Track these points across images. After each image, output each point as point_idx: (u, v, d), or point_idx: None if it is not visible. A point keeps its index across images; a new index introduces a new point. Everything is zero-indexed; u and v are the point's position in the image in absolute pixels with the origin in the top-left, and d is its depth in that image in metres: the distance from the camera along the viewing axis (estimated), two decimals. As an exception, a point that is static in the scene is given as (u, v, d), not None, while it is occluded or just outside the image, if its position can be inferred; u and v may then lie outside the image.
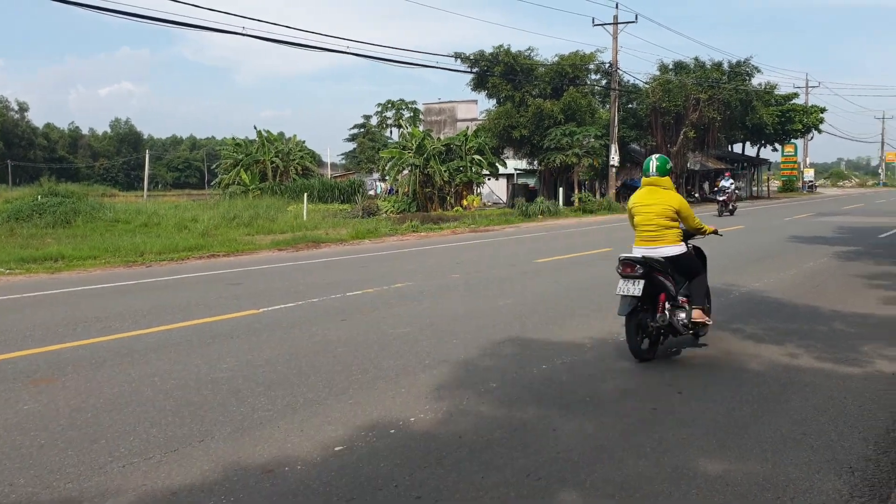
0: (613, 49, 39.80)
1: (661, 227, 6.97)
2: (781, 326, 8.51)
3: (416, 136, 43.10)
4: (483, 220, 30.32)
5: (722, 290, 11.10)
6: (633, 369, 6.67)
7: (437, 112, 72.60)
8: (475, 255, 17.10)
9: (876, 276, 12.56)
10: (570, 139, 38.36)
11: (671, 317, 6.88)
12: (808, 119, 55.42)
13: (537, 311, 9.49)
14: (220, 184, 54.93)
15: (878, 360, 6.95)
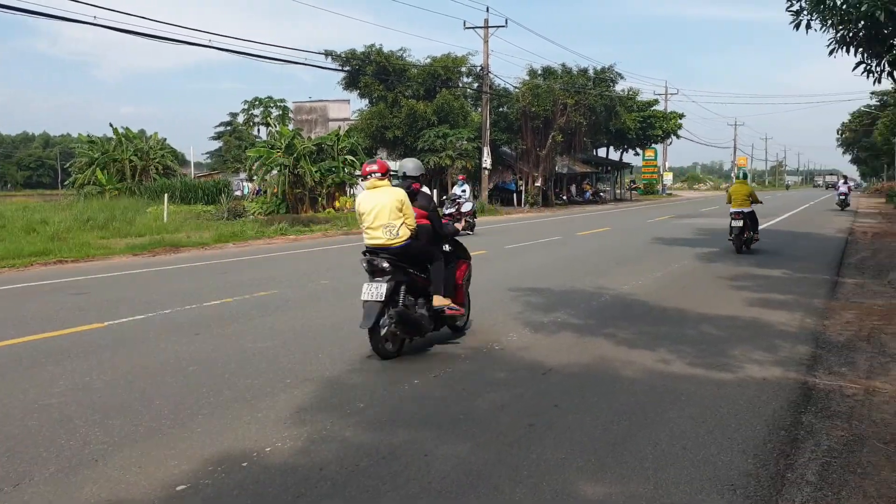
0: (484, 52, 40.14)
1: None
2: (652, 330, 8.48)
3: (285, 135, 41.87)
4: (356, 222, 29.72)
5: (593, 292, 11.10)
6: (508, 380, 6.36)
7: (307, 111, 71.18)
8: (347, 259, 16.51)
9: (737, 277, 12.96)
10: (444, 141, 38.36)
11: None
12: (667, 125, 58.04)
13: (409, 319, 9.06)
14: (74, 184, 51.60)
15: (747, 365, 6.96)
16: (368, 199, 7.45)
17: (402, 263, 7.30)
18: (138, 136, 55.31)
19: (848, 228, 25.53)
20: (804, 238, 21.87)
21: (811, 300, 10.70)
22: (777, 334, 8.36)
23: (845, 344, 7.96)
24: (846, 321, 9.20)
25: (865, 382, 6.49)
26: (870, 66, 13.16)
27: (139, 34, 22.27)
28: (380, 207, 7.27)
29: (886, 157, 67.25)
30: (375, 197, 7.35)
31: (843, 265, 15.04)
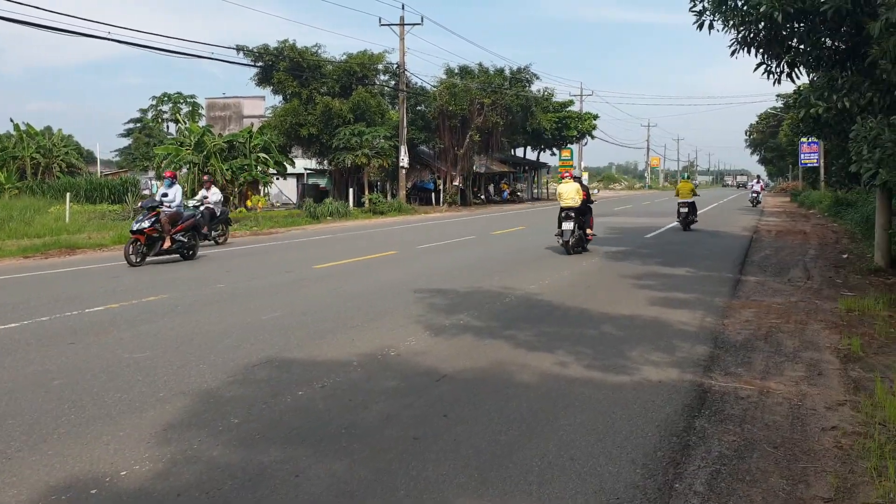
0: (400, 50, 39.78)
1: None
2: (553, 331, 8.32)
3: (194, 132, 40.64)
4: (267, 222, 28.96)
5: (499, 293, 10.91)
6: (399, 389, 6.05)
7: (221, 107, 69.34)
8: (250, 260, 15.93)
9: (643, 276, 13.01)
10: (360, 139, 37.82)
11: None
12: (582, 125, 58.89)
13: (306, 324, 8.64)
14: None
15: (644, 367, 6.85)
16: (565, 186, 17.03)
17: (576, 214, 16.25)
18: (41, 133, 52.75)
19: (753, 227, 26.28)
20: (711, 236, 22.34)
21: (713, 298, 10.78)
22: (677, 334, 8.32)
23: (743, 343, 7.97)
24: (745, 320, 9.26)
25: (760, 383, 6.45)
26: (770, 67, 13.37)
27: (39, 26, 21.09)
28: (570, 190, 16.58)
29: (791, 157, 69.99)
30: (568, 185, 16.91)
31: (747, 263, 15.34)
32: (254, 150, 39.35)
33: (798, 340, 8.14)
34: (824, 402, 5.98)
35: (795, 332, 8.55)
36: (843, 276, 13.45)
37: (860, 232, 20.54)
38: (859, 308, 9.87)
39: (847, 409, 5.81)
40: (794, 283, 12.46)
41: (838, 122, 12.59)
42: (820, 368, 7.00)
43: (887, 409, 5.63)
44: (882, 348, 7.79)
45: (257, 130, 40.96)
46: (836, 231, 24.07)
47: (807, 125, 13.78)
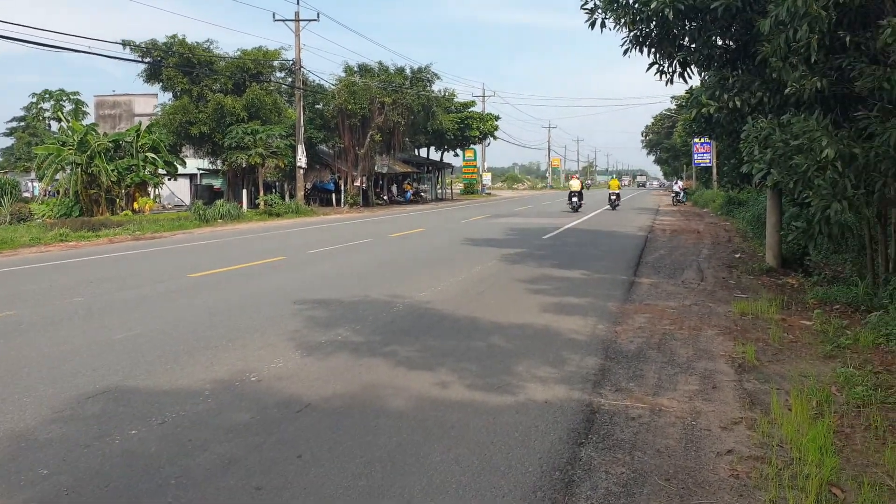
0: (296, 47, 38.56)
1: None
2: (438, 345, 7.70)
3: (77, 131, 38.28)
4: (152, 225, 27.35)
5: (386, 302, 10.22)
6: (250, 425, 5.27)
7: (111, 105, 66.20)
8: (121, 268, 14.69)
9: (536, 280, 12.59)
10: (253, 138, 36.40)
11: None
12: (484, 126, 58.88)
13: (163, 344, 7.71)
14: None
15: (531, 384, 6.29)
16: (574, 181, 39.64)
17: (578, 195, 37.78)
18: None
19: (649, 226, 26.52)
20: (607, 236, 22.31)
21: (606, 303, 10.41)
22: (567, 344, 7.84)
23: (635, 353, 7.55)
24: (638, 326, 8.89)
25: (652, 400, 5.99)
26: (662, 66, 13.19)
27: None
28: (577, 183, 39.23)
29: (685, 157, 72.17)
30: (575, 181, 39.65)
31: (641, 264, 15.19)
32: (141, 150, 37.36)
33: (692, 349, 7.79)
34: (719, 420, 5.56)
35: (689, 340, 8.22)
36: (735, 276, 13.40)
37: (751, 230, 20.87)
38: (752, 311, 9.68)
39: (743, 428, 5.40)
40: (688, 285, 12.29)
41: (730, 122, 12.50)
42: (714, 380, 6.62)
43: (783, 427, 5.25)
44: (776, 355, 7.51)
45: (145, 129, 38.92)
46: (729, 230, 24.53)
47: (699, 125, 13.69)
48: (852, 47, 9.31)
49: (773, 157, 9.57)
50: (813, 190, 8.99)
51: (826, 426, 5.17)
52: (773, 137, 9.55)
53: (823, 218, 8.93)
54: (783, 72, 9.48)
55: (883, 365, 7.08)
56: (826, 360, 7.31)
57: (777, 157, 9.50)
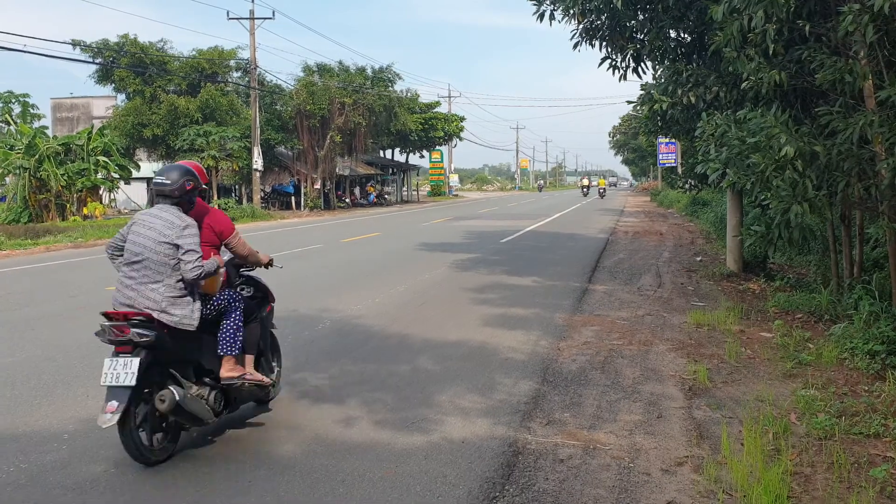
0: (251, 45, 37.45)
1: None
2: (357, 370, 6.85)
3: (25, 134, 36.89)
4: (97, 232, 26.10)
5: (313, 318, 9.34)
6: (97, 481, 4.39)
7: (68, 108, 64.52)
8: (41, 282, 13.64)
9: (484, 288, 11.79)
10: (206, 140, 35.26)
11: None
12: (449, 127, 58.05)
13: (41, 373, 6.74)
14: None
15: (450, 418, 5.48)
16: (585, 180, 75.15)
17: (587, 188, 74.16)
18: None
19: (611, 228, 25.88)
20: (568, 239, 21.60)
21: (553, 314, 9.63)
22: (502, 365, 7.04)
23: (576, 375, 6.76)
24: (584, 342, 8.12)
25: (587, 435, 5.20)
26: (615, 61, 12.48)
27: None
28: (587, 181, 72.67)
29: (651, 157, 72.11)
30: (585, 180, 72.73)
31: (598, 269, 14.47)
32: (93, 154, 36.03)
33: (639, 368, 7.03)
34: (661, 460, 4.78)
35: (638, 357, 7.45)
36: (694, 282, 12.73)
37: (715, 232, 20.31)
38: (709, 322, 8.97)
39: (687, 470, 4.63)
40: (644, 293, 11.57)
41: (686, 120, 11.80)
42: (660, 408, 5.85)
43: (734, 469, 4.48)
44: (731, 375, 6.78)
45: (97, 132, 37.59)
46: (692, 231, 23.98)
47: (654, 123, 12.97)
48: (812, 38, 8.65)
49: (730, 156, 8.85)
50: (771, 191, 8.29)
51: (782, 468, 4.42)
52: (729, 134, 8.83)
53: (783, 221, 8.22)
54: (738, 63, 8.78)
55: (848, 384, 6.37)
56: (786, 380, 6.60)
57: (733, 156, 8.78)
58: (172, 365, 4.71)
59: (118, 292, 4.87)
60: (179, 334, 4.68)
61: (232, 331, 4.93)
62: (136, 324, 4.49)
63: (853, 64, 7.86)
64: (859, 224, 9.83)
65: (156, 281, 4.71)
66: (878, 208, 8.78)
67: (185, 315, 4.67)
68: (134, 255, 4.79)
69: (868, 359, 6.90)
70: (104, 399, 4.34)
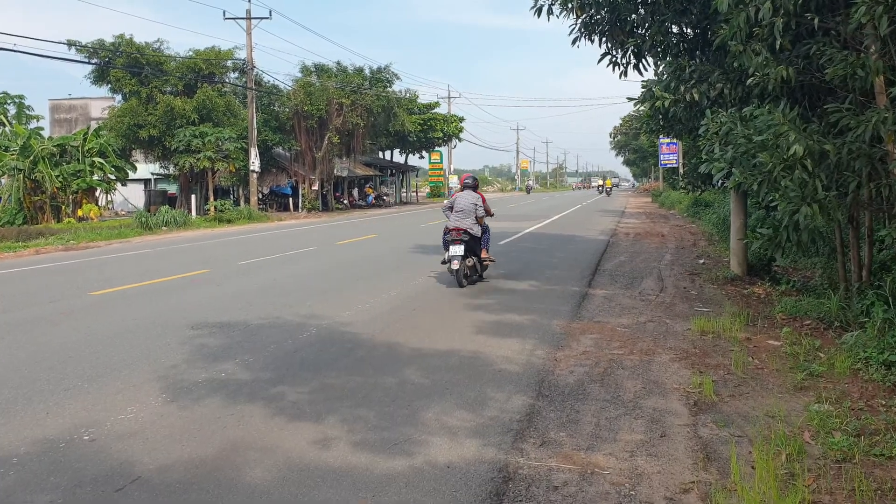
0: (248, 46, 37.06)
1: None
2: (339, 383, 6.43)
3: (20, 135, 36.54)
4: (89, 234, 25.70)
5: (298, 325, 8.93)
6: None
7: (66, 109, 64.18)
8: (22, 286, 13.22)
9: (479, 293, 11.38)
10: (202, 141, 34.85)
11: None
12: (448, 128, 57.64)
13: (5, 385, 6.32)
14: None
15: (436, 438, 5.06)
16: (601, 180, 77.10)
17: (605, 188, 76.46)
18: None
19: (612, 230, 25.45)
20: (568, 241, 21.18)
21: (551, 321, 9.22)
22: (495, 377, 6.62)
23: (574, 388, 6.35)
24: (583, 351, 7.70)
25: (584, 458, 4.79)
26: (615, 57, 12.06)
27: None
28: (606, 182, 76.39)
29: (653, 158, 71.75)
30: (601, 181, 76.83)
31: (598, 272, 14.05)
32: (89, 154, 35.67)
33: (641, 381, 6.61)
34: (665, 487, 4.37)
35: (639, 368, 7.04)
36: (698, 285, 12.31)
37: (718, 233, 19.88)
38: (714, 329, 8.55)
39: (694, 498, 4.22)
40: (646, 297, 11.16)
41: (689, 118, 11.38)
42: (664, 426, 5.44)
43: (744, 498, 4.07)
44: (739, 387, 6.36)
45: (93, 133, 37.23)
46: (695, 233, 23.55)
47: (655, 122, 12.56)
48: (821, 32, 8.24)
49: (735, 155, 8.44)
50: (780, 192, 7.88)
51: (799, 496, 4.01)
52: (735, 133, 8.42)
53: (791, 223, 7.82)
54: (744, 58, 8.37)
55: (863, 398, 5.96)
56: (797, 393, 6.18)
57: (739, 155, 8.37)
58: (470, 250, 11.85)
59: (452, 222, 11.87)
60: (473, 238, 11.82)
61: (485, 238, 12.26)
62: (461, 232, 11.65)
63: (865, 59, 7.45)
64: (868, 226, 9.41)
65: (467, 218, 11.88)
66: (890, 210, 8.38)
67: (476, 230, 11.87)
68: (460, 208, 11.98)
69: (884, 370, 6.49)
70: (449, 261, 11.82)
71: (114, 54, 37.48)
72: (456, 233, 11.61)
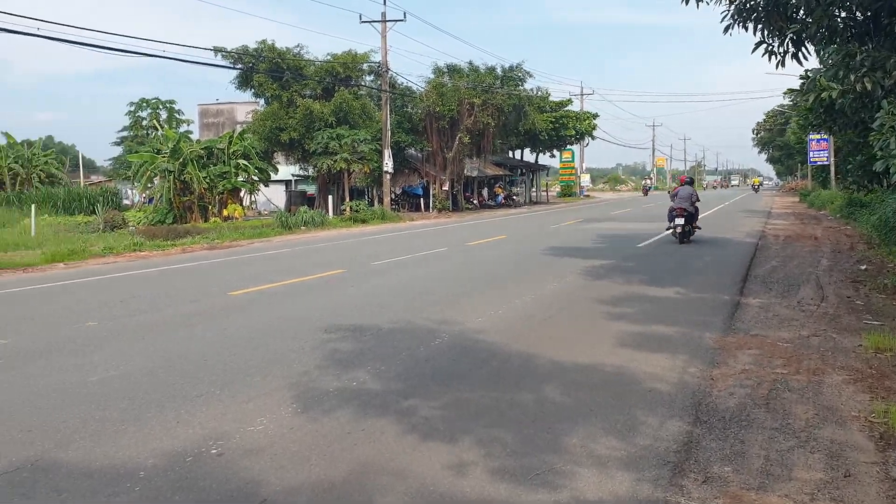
0: (383, 48, 37.57)
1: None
2: (474, 398, 6.03)
3: (170, 138, 38.61)
4: (233, 233, 26.70)
5: (429, 331, 8.63)
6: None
7: (214, 114, 67.41)
8: (164, 285, 13.66)
9: (620, 300, 10.71)
10: (339, 143, 35.59)
11: None
12: (581, 125, 56.45)
13: (134, 392, 6.26)
14: (-52, 194, 47.25)
15: (582, 469, 4.56)
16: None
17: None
18: (20, 143, 50.73)
19: (759, 232, 23.86)
20: (712, 244, 19.94)
21: (703, 334, 8.46)
22: (644, 398, 6.02)
23: (736, 413, 5.66)
24: (741, 369, 6.95)
25: (756, 499, 4.16)
26: (771, 45, 11.09)
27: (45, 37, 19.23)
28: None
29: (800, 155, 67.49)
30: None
31: (749, 279, 13.00)
32: (233, 157, 37.30)
33: (812, 406, 5.83)
34: (859, 544, 3.68)
35: (809, 390, 6.24)
36: (863, 295, 11.11)
37: (878, 236, 18.16)
38: (891, 347, 7.55)
39: (898, 562, 3.51)
40: (805, 308, 10.13)
41: (856, 110, 10.28)
42: (847, 463, 4.70)
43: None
44: (932, 420, 5.47)
45: (237, 135, 38.91)
46: (851, 235, 21.68)
47: (817, 115, 11.49)
48: None
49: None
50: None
51: None
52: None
53: None
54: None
55: None
56: None
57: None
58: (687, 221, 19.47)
59: (676, 204, 19.47)
60: (689, 214, 19.44)
61: (697, 213, 20.11)
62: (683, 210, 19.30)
63: None
64: None
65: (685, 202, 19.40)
66: None
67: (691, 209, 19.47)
68: (681, 196, 19.52)
69: None
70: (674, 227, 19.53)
71: (257, 60, 38.92)
72: (679, 210, 19.25)
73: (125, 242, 22.34)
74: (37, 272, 16.59)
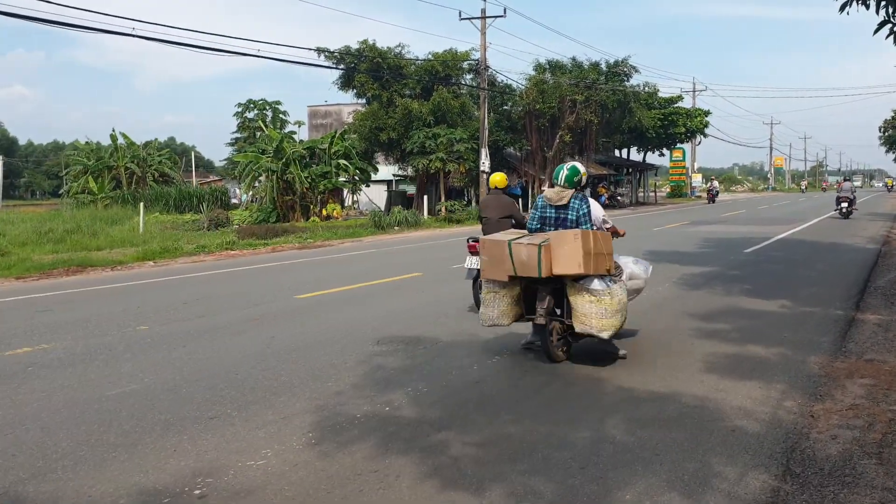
0: (482, 45, 36.80)
1: None
2: (518, 433, 5.13)
3: (274, 139, 39.23)
4: (326, 233, 26.62)
5: (488, 346, 7.76)
6: None
7: (322, 115, 68.60)
8: (238, 286, 13.35)
9: (715, 315, 9.52)
10: (435, 142, 35.09)
11: None
12: (692, 123, 53.92)
13: (146, 411, 5.68)
14: (68, 192, 49.89)
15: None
16: None
17: None
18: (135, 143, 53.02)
19: (883, 237, 21.67)
20: (828, 250, 18.13)
21: (807, 357, 7.26)
22: (725, 440, 4.99)
23: (839, 464, 4.56)
24: (851, 404, 5.77)
25: None
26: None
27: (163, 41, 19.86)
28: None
29: (933, 154, 62.33)
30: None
31: (868, 290, 11.49)
32: (335, 157, 37.55)
33: (942, 461, 4.65)
34: None
35: (938, 439, 5.04)
36: None
37: None
38: None
39: None
40: (938, 328, 8.68)
41: None
42: None
43: None
44: None
45: (339, 136, 39.18)
46: None
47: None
48: None
49: None
50: None
51: None
52: None
53: None
54: None
55: None
56: None
57: None
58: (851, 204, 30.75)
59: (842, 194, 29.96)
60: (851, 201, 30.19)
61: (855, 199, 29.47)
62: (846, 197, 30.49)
63: None
64: None
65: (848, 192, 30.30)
66: None
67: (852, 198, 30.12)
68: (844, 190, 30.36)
69: None
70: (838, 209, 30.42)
71: (358, 60, 38.92)
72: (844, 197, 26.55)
73: (218, 241, 22.50)
74: (124, 270, 16.74)
